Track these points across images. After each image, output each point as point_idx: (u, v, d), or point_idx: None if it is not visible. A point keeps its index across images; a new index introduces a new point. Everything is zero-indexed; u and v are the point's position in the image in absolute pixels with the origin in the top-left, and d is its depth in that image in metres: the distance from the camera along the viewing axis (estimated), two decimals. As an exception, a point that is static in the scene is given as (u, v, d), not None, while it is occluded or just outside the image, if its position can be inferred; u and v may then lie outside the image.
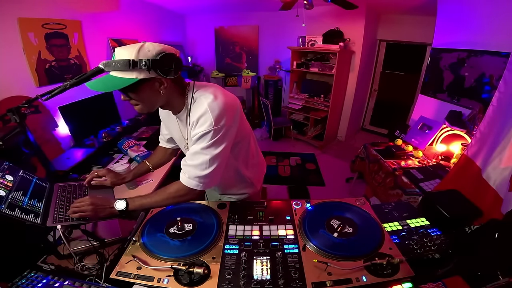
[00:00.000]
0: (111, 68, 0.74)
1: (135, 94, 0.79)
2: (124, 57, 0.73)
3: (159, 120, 1.15)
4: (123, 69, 0.73)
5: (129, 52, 0.73)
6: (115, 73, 0.75)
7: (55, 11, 1.99)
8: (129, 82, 0.74)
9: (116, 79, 0.74)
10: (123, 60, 0.72)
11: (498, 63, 1.93)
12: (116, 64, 0.73)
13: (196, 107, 0.84)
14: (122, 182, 1.19)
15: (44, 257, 0.91)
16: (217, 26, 4.42)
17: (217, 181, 0.92)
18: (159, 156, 1.29)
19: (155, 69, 0.75)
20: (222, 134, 0.84)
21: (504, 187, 1.20)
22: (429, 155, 2.17)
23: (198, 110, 0.83)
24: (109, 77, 0.75)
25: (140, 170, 1.24)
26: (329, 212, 0.99)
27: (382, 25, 3.76)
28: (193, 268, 0.72)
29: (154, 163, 1.27)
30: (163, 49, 0.77)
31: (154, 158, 1.29)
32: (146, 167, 1.24)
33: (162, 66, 0.75)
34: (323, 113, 3.83)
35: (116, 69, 0.74)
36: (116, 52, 0.76)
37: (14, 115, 1.02)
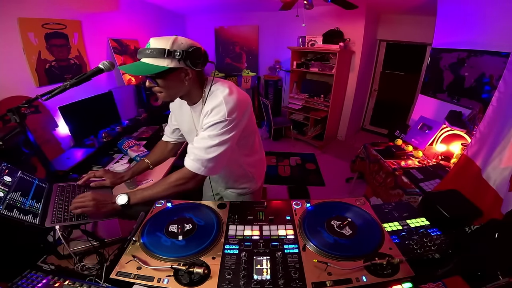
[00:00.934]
0: (145, 55, 0.81)
1: (162, 81, 0.85)
2: (160, 46, 0.81)
3: (159, 120, 1.19)
4: (157, 56, 0.80)
5: (164, 43, 0.81)
6: (148, 59, 0.81)
7: (55, 11, 1.99)
8: (161, 69, 0.81)
9: (148, 65, 0.81)
10: (159, 48, 0.80)
11: (498, 63, 1.93)
12: (152, 52, 0.80)
13: (211, 98, 0.91)
14: (122, 181, 1.19)
15: (44, 257, 0.91)
16: (217, 26, 4.42)
17: (219, 169, 0.96)
18: (158, 153, 1.31)
19: (186, 60, 0.83)
20: (232, 126, 0.90)
21: (504, 187, 1.20)
22: (429, 155, 2.17)
23: (213, 101, 0.89)
24: (141, 63, 0.82)
25: (139, 168, 1.26)
26: (329, 212, 0.99)
27: (382, 25, 3.76)
28: (193, 268, 0.72)
29: (153, 161, 1.28)
30: (193, 43, 0.86)
31: (153, 155, 1.30)
32: (145, 164, 1.26)
33: (192, 58, 0.84)
34: (323, 113, 3.83)
35: (150, 56, 0.80)
36: (151, 41, 0.83)
37: (14, 115, 1.02)
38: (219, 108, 0.87)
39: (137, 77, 2.92)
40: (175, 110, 1.14)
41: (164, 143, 1.30)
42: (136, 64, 0.83)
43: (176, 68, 0.83)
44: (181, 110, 1.07)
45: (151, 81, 0.86)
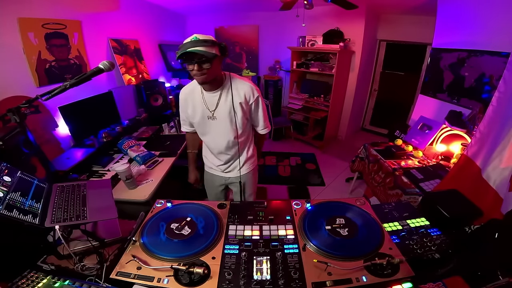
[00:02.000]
0: (201, 44, 1.00)
1: (209, 64, 1.05)
2: (208, 38, 1.03)
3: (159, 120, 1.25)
4: (210, 45, 1.02)
5: (209, 37, 1.04)
6: (202, 48, 0.99)
7: (55, 11, 1.99)
8: (214, 55, 1.03)
9: (205, 51, 1.00)
10: (212, 40, 1.04)
11: (498, 63, 1.93)
12: (208, 41, 1.01)
13: (241, 85, 1.22)
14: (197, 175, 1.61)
15: (44, 257, 0.91)
16: (217, 26, 4.42)
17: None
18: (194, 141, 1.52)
19: (222, 51, 1.08)
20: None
21: (504, 187, 1.20)
22: (429, 155, 2.17)
23: (245, 87, 1.22)
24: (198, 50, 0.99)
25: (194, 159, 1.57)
26: (329, 212, 0.99)
27: (382, 25, 3.76)
28: (193, 268, 0.72)
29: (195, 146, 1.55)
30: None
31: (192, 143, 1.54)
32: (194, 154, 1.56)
33: (226, 50, 1.10)
34: (323, 113, 3.83)
35: (205, 45, 1.00)
36: (198, 35, 1.02)
37: (14, 115, 1.02)
38: (253, 90, 1.24)
39: (137, 77, 2.92)
40: (187, 100, 1.30)
41: (192, 133, 1.45)
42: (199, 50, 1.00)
43: (217, 56, 1.05)
44: (193, 100, 1.28)
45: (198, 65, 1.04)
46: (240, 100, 1.21)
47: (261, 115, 1.32)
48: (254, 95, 1.24)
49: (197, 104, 1.26)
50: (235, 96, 1.20)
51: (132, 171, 1.58)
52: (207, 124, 1.29)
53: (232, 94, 1.20)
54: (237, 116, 1.23)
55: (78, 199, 1.02)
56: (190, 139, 1.52)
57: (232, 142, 1.31)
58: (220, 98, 1.21)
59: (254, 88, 1.24)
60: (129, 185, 1.54)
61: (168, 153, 2.03)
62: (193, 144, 1.52)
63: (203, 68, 1.06)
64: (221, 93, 1.21)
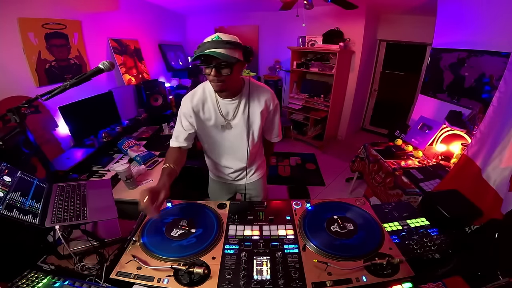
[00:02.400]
0: (222, 46, 0.88)
1: (229, 70, 0.93)
2: (232, 39, 0.91)
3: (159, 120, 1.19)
4: (232, 47, 0.90)
5: (233, 38, 0.92)
6: (223, 50, 0.88)
7: (55, 11, 1.99)
8: (235, 60, 0.91)
9: (226, 55, 0.88)
10: (236, 42, 0.91)
11: (498, 63, 1.93)
12: (232, 42, 0.90)
13: (262, 92, 1.12)
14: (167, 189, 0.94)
15: (44, 257, 0.91)
16: (217, 26, 4.42)
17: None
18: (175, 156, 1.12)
19: (246, 55, 0.96)
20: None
21: (504, 187, 1.20)
22: (429, 155, 2.17)
23: (266, 93, 1.12)
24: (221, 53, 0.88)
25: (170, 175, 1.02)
26: (329, 212, 0.99)
27: (382, 25, 3.76)
28: (193, 268, 0.72)
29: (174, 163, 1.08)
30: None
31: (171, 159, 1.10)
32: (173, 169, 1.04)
33: (251, 55, 0.97)
34: (323, 113, 3.83)
35: (227, 47, 0.89)
36: (221, 35, 0.90)
37: (14, 115, 1.02)
38: (273, 97, 1.15)
39: (137, 77, 2.92)
40: (199, 110, 1.11)
41: (177, 149, 1.15)
42: (218, 52, 0.88)
43: (239, 60, 0.94)
44: (204, 108, 1.12)
45: (216, 70, 0.92)
46: (260, 108, 1.11)
47: (277, 123, 1.24)
48: (274, 102, 1.16)
49: (209, 113, 1.12)
50: (255, 105, 1.10)
51: (132, 171, 1.58)
52: (219, 133, 1.17)
53: (250, 102, 1.09)
54: (255, 125, 1.14)
55: (78, 199, 1.02)
56: (175, 156, 1.11)
57: (246, 150, 1.20)
58: (238, 106, 1.10)
59: (274, 94, 1.16)
60: (129, 185, 1.54)
61: (168, 153, 2.03)
62: (176, 162, 1.08)
63: (222, 75, 0.93)
64: (239, 101, 1.09)
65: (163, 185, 0.94)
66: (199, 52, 0.88)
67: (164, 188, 0.91)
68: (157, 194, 0.88)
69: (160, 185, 0.93)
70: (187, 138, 1.16)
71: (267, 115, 1.17)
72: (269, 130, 1.26)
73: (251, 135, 1.16)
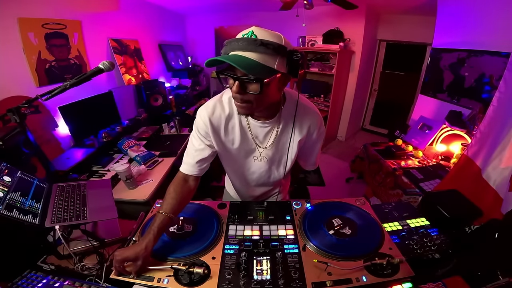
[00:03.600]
0: (254, 48, 0.60)
1: (259, 88, 0.64)
2: (272, 39, 0.61)
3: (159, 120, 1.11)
4: (270, 52, 0.60)
5: (275, 37, 0.63)
6: (254, 55, 0.60)
7: (55, 11, 1.99)
8: (270, 71, 0.62)
9: (258, 63, 0.60)
10: (276, 43, 0.61)
11: (498, 63, 1.93)
12: (274, 43, 0.60)
13: (308, 116, 0.86)
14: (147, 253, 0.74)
15: (44, 257, 0.91)
16: (217, 26, 4.42)
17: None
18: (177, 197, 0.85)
19: (292, 66, 0.65)
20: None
21: (504, 187, 1.20)
22: (429, 155, 2.17)
23: (312, 117, 0.86)
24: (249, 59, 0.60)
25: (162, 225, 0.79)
26: (329, 212, 0.99)
27: (382, 25, 3.76)
28: (193, 268, 0.72)
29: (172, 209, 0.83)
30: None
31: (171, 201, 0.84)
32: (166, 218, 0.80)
33: (300, 66, 0.65)
34: (323, 113, 3.82)
35: (260, 51, 0.60)
36: (256, 30, 0.62)
37: (14, 115, 1.02)
38: (321, 122, 0.89)
39: (137, 77, 2.91)
40: (220, 130, 0.86)
41: (182, 179, 0.90)
42: (243, 58, 0.61)
43: (282, 72, 0.65)
44: (227, 126, 0.85)
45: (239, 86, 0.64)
46: (301, 137, 0.87)
47: (316, 152, 0.99)
48: (320, 130, 0.90)
49: (236, 135, 0.86)
50: (296, 133, 0.86)
51: (132, 171, 1.58)
52: (244, 161, 0.94)
53: (292, 128, 0.84)
54: (289, 155, 0.91)
55: (78, 199, 1.02)
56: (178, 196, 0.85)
57: (275, 178, 1.02)
58: (274, 132, 0.86)
59: (321, 118, 0.90)
60: (129, 185, 1.54)
61: (168, 153, 2.03)
62: (175, 206, 0.83)
63: (248, 92, 0.66)
64: (277, 126, 0.84)
65: (145, 249, 0.72)
66: (220, 57, 0.61)
67: (142, 257, 0.71)
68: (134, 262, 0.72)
69: (138, 250, 0.71)
70: (200, 162, 0.88)
71: (304, 143, 0.91)
72: (304, 157, 1.01)
73: (283, 167, 0.95)
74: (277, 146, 0.89)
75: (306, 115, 0.85)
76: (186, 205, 0.91)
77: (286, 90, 0.84)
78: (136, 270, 0.72)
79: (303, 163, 1.06)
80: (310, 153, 0.99)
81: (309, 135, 0.89)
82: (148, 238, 0.75)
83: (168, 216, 0.80)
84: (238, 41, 0.62)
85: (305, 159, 1.03)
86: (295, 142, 0.88)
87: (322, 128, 0.91)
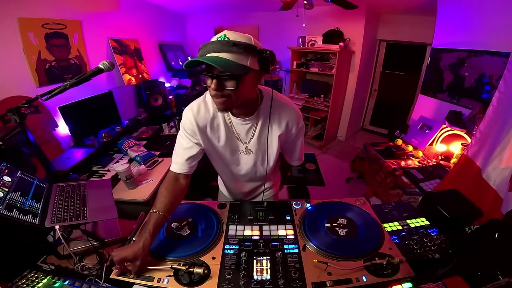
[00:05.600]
0: (227, 49, 0.66)
1: (235, 83, 0.70)
2: (242, 40, 0.68)
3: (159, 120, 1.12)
4: (242, 51, 0.67)
5: (245, 38, 0.69)
6: (228, 55, 0.66)
7: (55, 11, 1.99)
8: (245, 69, 0.68)
9: (233, 62, 0.67)
10: (247, 43, 0.67)
11: (498, 63, 1.93)
12: (242, 44, 0.66)
13: (285, 111, 0.90)
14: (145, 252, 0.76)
15: (44, 257, 0.91)
16: (217, 26, 4.42)
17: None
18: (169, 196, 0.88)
19: (263, 63, 0.71)
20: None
21: (504, 187, 1.20)
22: (429, 155, 2.17)
23: (290, 113, 0.91)
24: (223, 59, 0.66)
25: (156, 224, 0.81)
26: (329, 212, 0.99)
27: (382, 25, 3.76)
28: (193, 268, 0.72)
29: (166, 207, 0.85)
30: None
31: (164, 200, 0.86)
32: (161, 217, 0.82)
33: (271, 62, 0.72)
34: (323, 113, 3.83)
35: (233, 50, 0.66)
36: (228, 33, 0.68)
37: (14, 115, 1.02)
38: (300, 118, 0.94)
39: (137, 77, 2.91)
40: (207, 129, 0.91)
41: (174, 178, 0.93)
42: (219, 58, 0.66)
43: (252, 69, 0.71)
44: (213, 124, 0.90)
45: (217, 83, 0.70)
46: (280, 132, 0.91)
47: (299, 147, 1.05)
48: (298, 125, 0.94)
49: (221, 133, 0.91)
50: (275, 127, 0.91)
51: (132, 171, 1.58)
52: (230, 157, 0.98)
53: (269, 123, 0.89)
54: (271, 150, 0.96)
55: (78, 199, 1.02)
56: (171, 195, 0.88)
57: (260, 174, 1.05)
58: (255, 128, 0.90)
59: (299, 113, 0.94)
60: (129, 185, 1.54)
61: (168, 153, 2.03)
62: (169, 204, 0.85)
63: (225, 88, 0.71)
64: (256, 122, 0.90)
65: (142, 248, 0.74)
66: (196, 58, 0.67)
67: (140, 256, 0.73)
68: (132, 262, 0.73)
69: (136, 249, 0.73)
70: (190, 159, 0.92)
71: (285, 138, 0.96)
72: (288, 152, 1.07)
73: (266, 162, 0.99)
74: (259, 141, 0.94)
75: (283, 111, 0.90)
76: (179, 204, 0.94)
77: (263, 88, 0.90)
78: (136, 270, 0.74)
79: (288, 158, 1.11)
80: (293, 148, 1.04)
81: (288, 130, 0.93)
82: (144, 237, 0.77)
83: (162, 214, 0.82)
84: (212, 43, 0.68)
85: (289, 154, 1.08)
86: (275, 136, 0.92)
87: (301, 123, 0.95)
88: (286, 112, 0.90)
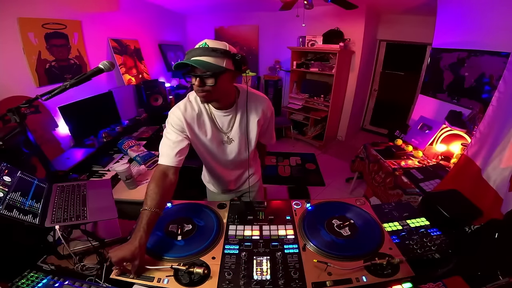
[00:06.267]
0: (207, 53, 0.83)
1: (213, 81, 0.86)
2: (221, 47, 0.85)
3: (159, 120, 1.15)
4: (219, 56, 0.84)
5: (222, 45, 0.87)
6: (208, 58, 0.83)
7: (55, 11, 1.99)
8: (222, 68, 0.85)
9: (211, 63, 0.83)
10: (222, 49, 0.85)
11: (498, 63, 1.93)
12: (216, 51, 0.84)
13: (259, 101, 1.07)
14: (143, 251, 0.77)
15: (44, 257, 0.91)
16: (217, 26, 4.42)
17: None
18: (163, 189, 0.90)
19: (237, 64, 0.89)
20: None
21: (504, 187, 1.20)
22: (429, 155, 2.17)
23: (262, 102, 1.08)
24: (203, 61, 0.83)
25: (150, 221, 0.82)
26: (329, 212, 0.99)
27: (382, 25, 3.76)
28: (193, 268, 0.72)
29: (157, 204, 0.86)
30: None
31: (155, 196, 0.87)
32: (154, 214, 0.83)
33: (243, 64, 0.90)
34: (323, 113, 3.83)
35: (213, 56, 0.83)
36: (208, 41, 0.86)
37: (14, 115, 1.02)
38: (269, 104, 1.10)
39: (137, 77, 2.92)
40: (194, 125, 1.01)
41: (163, 174, 0.94)
42: (201, 61, 0.83)
43: (228, 69, 0.87)
44: (199, 121, 1.02)
45: (200, 80, 0.86)
46: (257, 118, 1.07)
47: (272, 128, 1.22)
48: (270, 110, 1.12)
49: (207, 128, 1.04)
50: (253, 115, 1.06)
51: (132, 171, 1.58)
52: (216, 148, 1.10)
53: (247, 113, 1.05)
54: (252, 135, 1.10)
55: (78, 199, 1.02)
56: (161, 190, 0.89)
57: (243, 158, 1.17)
58: (235, 118, 1.05)
59: (269, 102, 1.12)
60: (129, 185, 1.54)
61: (168, 153, 2.03)
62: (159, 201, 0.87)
63: (206, 85, 0.86)
64: (235, 113, 1.05)
65: (139, 247, 0.74)
66: (182, 61, 0.84)
67: (138, 255, 0.74)
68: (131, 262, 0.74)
69: (133, 248, 0.74)
70: (179, 153, 0.96)
71: (263, 123, 1.12)
72: (265, 135, 1.23)
73: (247, 144, 1.12)
74: (240, 129, 1.07)
75: (258, 100, 1.07)
76: (169, 200, 1.03)
77: (239, 86, 1.07)
78: (135, 269, 0.74)
79: (265, 140, 1.26)
80: (270, 130, 1.22)
81: (265, 115, 1.09)
82: (139, 235, 0.77)
83: (154, 211, 0.84)
84: (196, 50, 0.85)
85: (265, 137, 1.23)
86: (253, 123, 1.07)
87: (272, 108, 1.13)
88: (260, 102, 1.07)
